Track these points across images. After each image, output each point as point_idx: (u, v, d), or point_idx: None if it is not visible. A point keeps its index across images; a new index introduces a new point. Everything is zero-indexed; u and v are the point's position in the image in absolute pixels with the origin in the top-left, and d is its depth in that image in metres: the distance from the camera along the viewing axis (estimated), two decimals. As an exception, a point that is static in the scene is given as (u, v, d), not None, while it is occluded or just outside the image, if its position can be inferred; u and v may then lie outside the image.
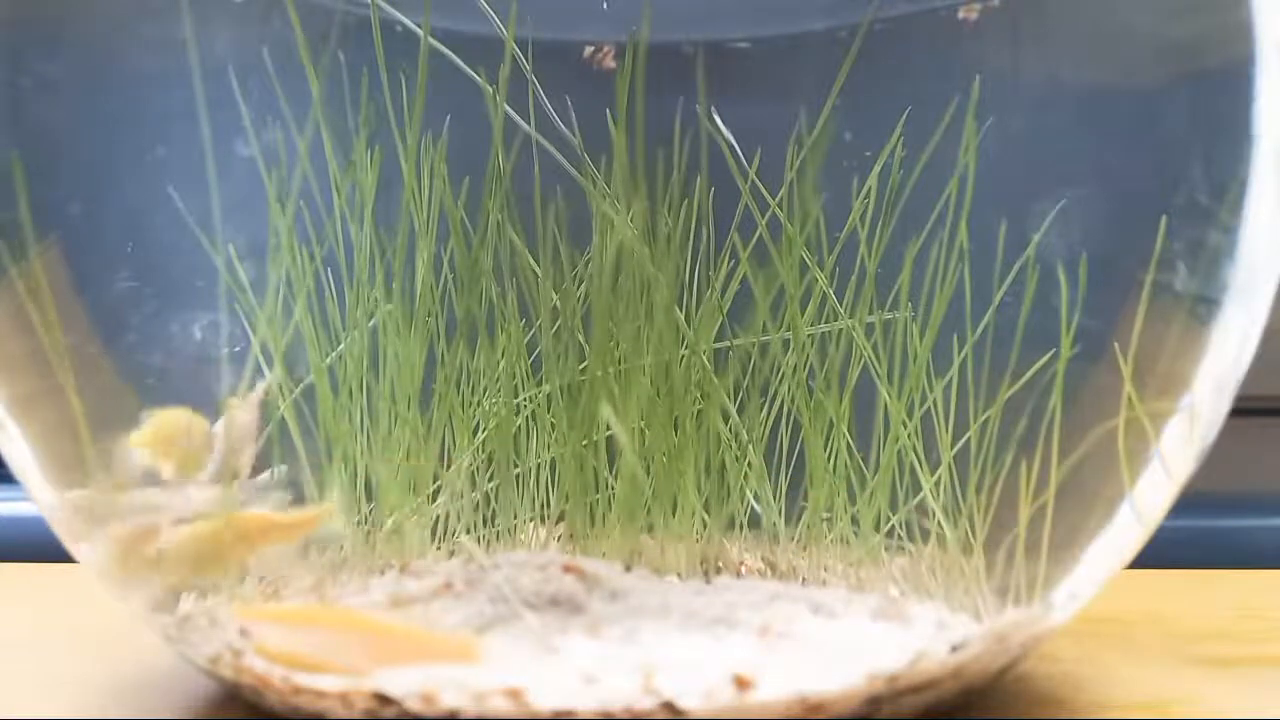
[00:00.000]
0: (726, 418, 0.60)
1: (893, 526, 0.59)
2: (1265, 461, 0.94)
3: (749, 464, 0.61)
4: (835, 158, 0.60)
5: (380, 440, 0.59)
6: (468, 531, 0.61)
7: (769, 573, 0.61)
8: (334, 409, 0.57)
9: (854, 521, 0.60)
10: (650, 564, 0.57)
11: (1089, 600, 0.53)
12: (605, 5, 0.62)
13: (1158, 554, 0.55)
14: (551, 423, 0.61)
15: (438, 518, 0.61)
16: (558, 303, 0.58)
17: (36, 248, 0.52)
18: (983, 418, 0.55)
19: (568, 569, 0.52)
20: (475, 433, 0.61)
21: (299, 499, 0.55)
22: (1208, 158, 0.52)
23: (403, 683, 0.44)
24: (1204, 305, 0.51)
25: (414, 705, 0.43)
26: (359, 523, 0.58)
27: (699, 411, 0.59)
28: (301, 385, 0.56)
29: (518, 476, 0.62)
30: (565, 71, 0.61)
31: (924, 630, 0.50)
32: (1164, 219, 0.52)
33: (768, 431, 0.62)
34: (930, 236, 0.58)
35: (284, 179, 0.55)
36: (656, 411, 0.58)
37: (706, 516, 0.60)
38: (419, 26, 0.56)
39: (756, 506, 0.62)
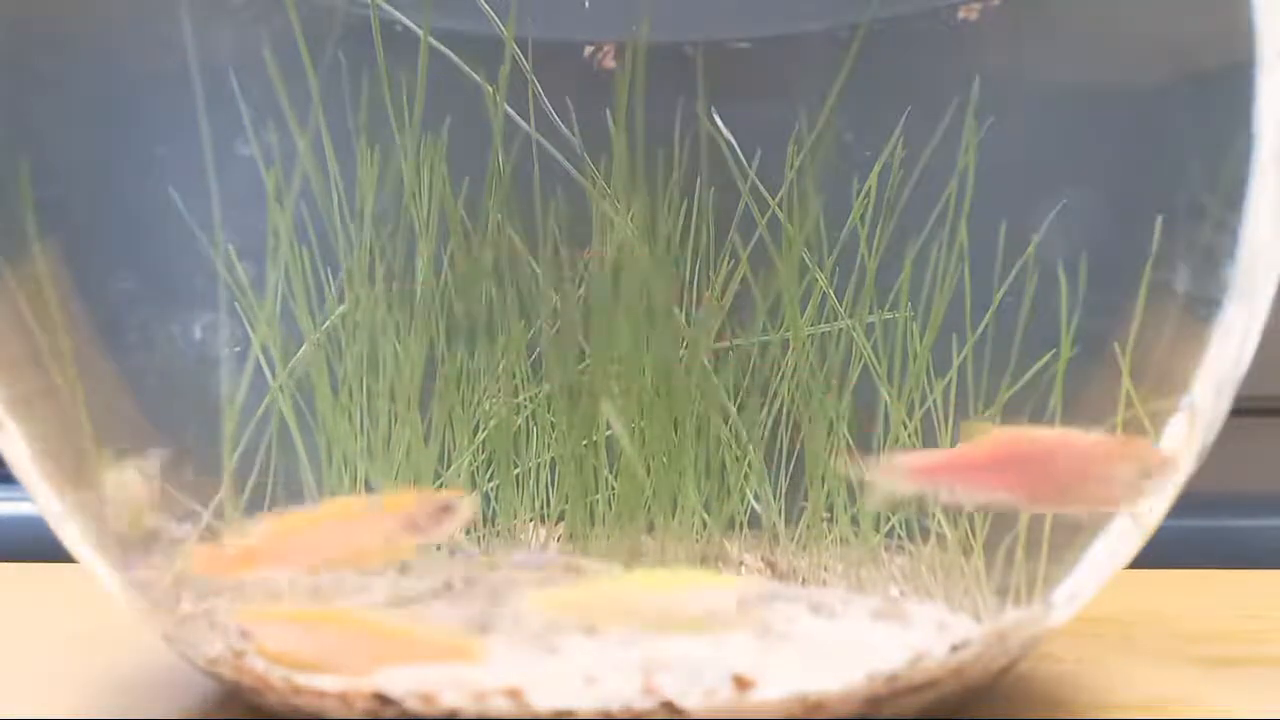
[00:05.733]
0: (726, 418, 0.60)
1: (893, 526, 0.59)
2: (1265, 461, 0.94)
3: (749, 464, 0.61)
4: (835, 158, 0.60)
5: (380, 440, 0.59)
6: (467, 532, 0.61)
7: (769, 573, 0.61)
8: (334, 409, 0.57)
9: (854, 521, 0.60)
10: (650, 564, 0.57)
11: (1089, 600, 0.53)
12: (587, 4, 0.62)
13: (1158, 554, 0.55)
14: (551, 423, 0.61)
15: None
16: (558, 303, 0.58)
17: (37, 247, 0.52)
18: (983, 418, 0.55)
19: (568, 569, 0.52)
20: (475, 433, 0.61)
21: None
22: (1208, 158, 0.52)
23: (403, 683, 0.44)
24: (1204, 305, 0.51)
25: (414, 705, 0.43)
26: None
27: (699, 411, 0.59)
28: (295, 361, 0.56)
29: (518, 476, 0.62)
30: (565, 71, 0.61)
31: (924, 630, 0.50)
32: (1163, 219, 0.51)
33: (768, 432, 0.62)
34: (930, 236, 0.58)
35: (282, 178, 0.55)
36: (656, 411, 0.58)
37: (706, 516, 0.60)
38: (419, 26, 0.56)
39: (757, 506, 0.62)
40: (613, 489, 0.59)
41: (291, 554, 0.45)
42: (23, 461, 0.52)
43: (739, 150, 0.60)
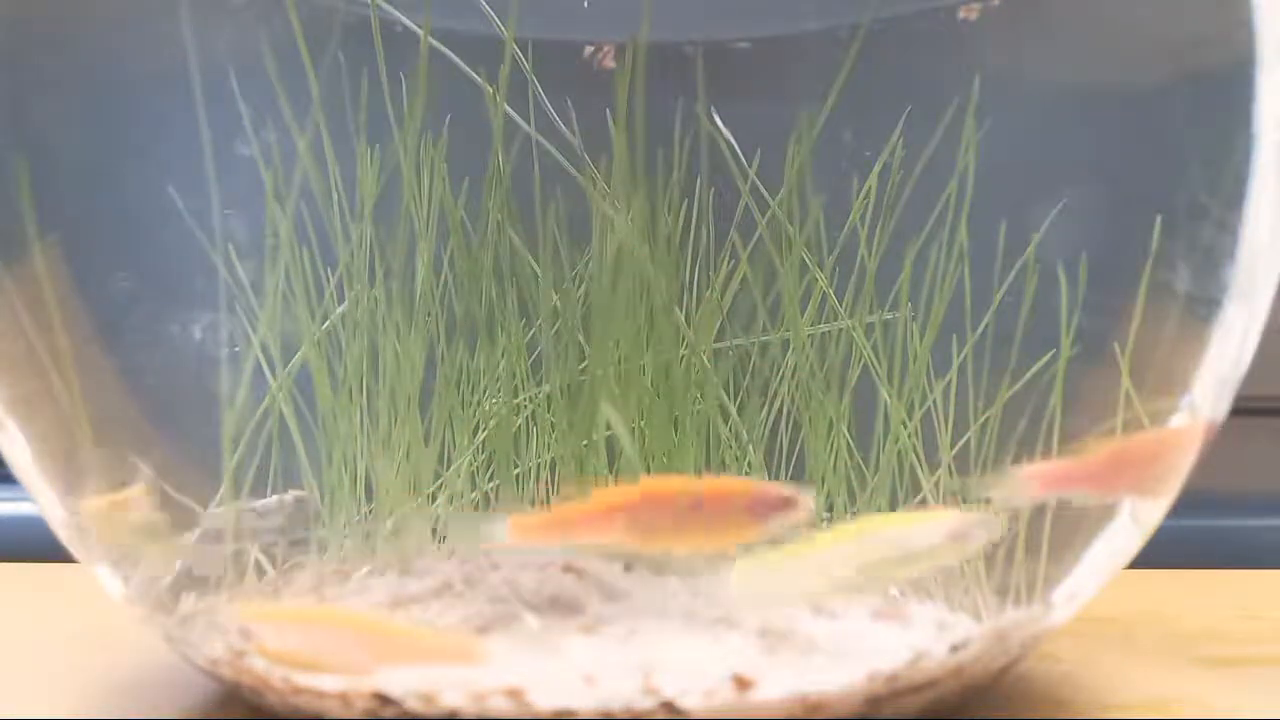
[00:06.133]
0: (726, 418, 0.60)
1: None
2: (1265, 461, 0.94)
3: (749, 464, 0.61)
4: (835, 158, 0.60)
5: (380, 440, 0.59)
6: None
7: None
8: (334, 409, 0.57)
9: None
10: (650, 564, 0.57)
11: (1089, 600, 0.53)
12: (586, 4, 0.62)
13: (1158, 554, 0.55)
14: (551, 423, 0.61)
15: (438, 517, 0.61)
16: (558, 303, 0.58)
17: (37, 247, 0.52)
18: (983, 418, 0.55)
19: (568, 569, 0.52)
20: (475, 433, 0.61)
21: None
22: (1208, 158, 0.52)
23: (403, 683, 0.44)
24: (1204, 305, 0.51)
25: (414, 705, 0.43)
26: (359, 522, 0.58)
27: (699, 411, 0.59)
28: (294, 362, 0.56)
29: (518, 476, 0.62)
30: (565, 71, 0.61)
31: (924, 630, 0.50)
32: (1163, 219, 0.52)
33: (768, 431, 0.62)
34: (930, 236, 0.58)
35: (281, 178, 0.55)
36: (656, 411, 0.58)
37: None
38: (419, 26, 0.56)
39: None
40: (613, 489, 0.59)
41: (619, 528, 0.45)
42: (23, 461, 0.52)
43: (739, 150, 0.60)
